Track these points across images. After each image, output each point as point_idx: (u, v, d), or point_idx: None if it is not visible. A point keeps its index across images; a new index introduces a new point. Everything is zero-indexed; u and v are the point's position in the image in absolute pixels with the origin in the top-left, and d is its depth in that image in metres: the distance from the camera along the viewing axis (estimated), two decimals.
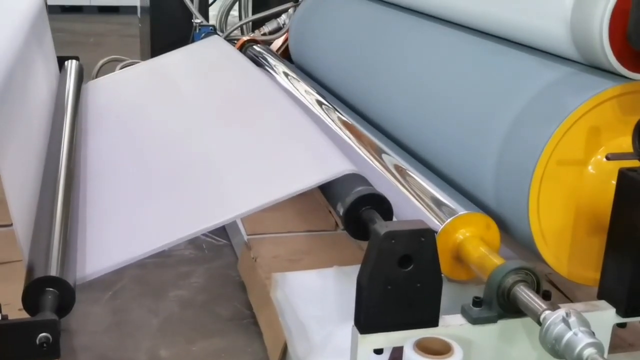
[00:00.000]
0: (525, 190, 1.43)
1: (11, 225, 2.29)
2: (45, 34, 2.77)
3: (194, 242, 2.50)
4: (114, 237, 1.64)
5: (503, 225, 1.54)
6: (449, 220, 1.47)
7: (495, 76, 1.71)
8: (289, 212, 2.45)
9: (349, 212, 1.45)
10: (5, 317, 1.22)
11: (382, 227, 1.26)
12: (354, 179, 1.55)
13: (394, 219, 1.51)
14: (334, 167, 1.57)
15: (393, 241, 1.24)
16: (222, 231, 2.56)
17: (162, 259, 2.36)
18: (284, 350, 1.71)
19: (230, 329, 2.02)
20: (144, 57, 4.35)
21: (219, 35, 3.48)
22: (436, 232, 1.44)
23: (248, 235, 2.31)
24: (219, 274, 2.34)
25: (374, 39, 2.31)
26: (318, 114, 2.25)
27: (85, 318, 2.03)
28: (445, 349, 1.25)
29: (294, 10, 3.53)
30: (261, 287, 2.00)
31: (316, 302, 1.84)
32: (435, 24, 2.09)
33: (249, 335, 1.98)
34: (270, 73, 2.71)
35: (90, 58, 4.06)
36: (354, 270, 1.72)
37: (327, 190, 1.60)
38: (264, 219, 2.32)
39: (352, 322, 1.32)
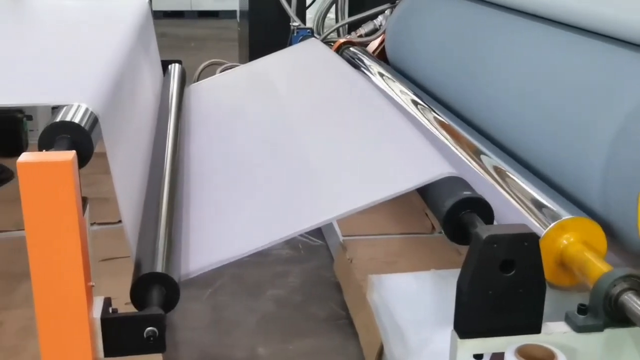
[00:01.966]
0: (636, 193, 1.37)
1: (117, 223, 2.41)
2: (151, 38, 2.86)
3: (290, 243, 2.54)
4: (215, 236, 1.68)
5: (610, 230, 1.48)
6: (552, 224, 1.43)
7: (601, 74, 1.65)
8: (384, 214, 2.45)
9: (449, 215, 1.43)
10: (115, 311, 1.27)
11: (483, 231, 1.24)
12: (454, 181, 1.53)
13: (494, 222, 1.48)
14: (433, 169, 1.55)
15: (495, 245, 1.21)
16: (317, 232, 2.59)
17: (259, 258, 2.41)
18: (380, 353, 1.71)
19: (326, 329, 2.04)
20: (242, 61, 4.45)
21: (316, 37, 3.51)
22: (539, 237, 1.40)
23: (343, 236, 2.32)
24: (314, 274, 2.36)
25: (473, 39, 2.27)
26: (414, 114, 2.23)
27: (187, 314, 2.09)
28: (548, 357, 1.21)
29: (391, 12, 3.53)
30: (357, 288, 2.01)
31: (413, 305, 1.83)
32: (536, 23, 2.03)
33: (344, 336, 1.99)
34: (367, 74, 2.72)
35: (192, 61, 4.17)
36: (451, 274, 1.70)
37: (426, 192, 1.58)
38: (359, 220, 2.32)
39: (450, 327, 1.30)
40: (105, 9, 3.00)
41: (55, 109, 3.68)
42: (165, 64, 3.13)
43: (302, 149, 1.96)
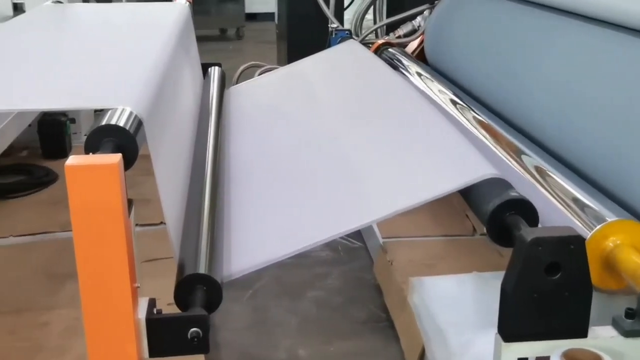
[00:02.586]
0: None
1: (158, 224, 2.44)
2: (192, 42, 2.89)
3: (329, 244, 2.54)
4: (256, 237, 1.69)
5: None
6: (598, 227, 1.41)
7: None
8: (424, 216, 2.44)
9: (493, 217, 1.41)
10: (159, 312, 1.28)
11: (528, 233, 1.22)
12: (497, 183, 1.51)
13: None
14: (476, 171, 1.54)
15: (540, 248, 1.20)
16: (357, 233, 2.59)
17: (299, 260, 2.41)
18: (422, 355, 1.70)
19: (366, 331, 2.03)
20: (280, 63, 4.47)
21: (354, 39, 3.51)
22: (585, 239, 1.38)
23: (383, 238, 2.31)
24: (354, 276, 2.36)
25: (515, 39, 2.25)
26: (453, 114, 2.22)
27: (227, 315, 2.10)
28: None
29: (430, 12, 3.51)
30: (397, 291, 2.00)
31: (454, 308, 1.82)
32: (580, 22, 2.00)
33: (385, 338, 1.98)
34: (406, 75, 2.70)
35: (231, 64, 4.21)
36: (493, 277, 1.68)
37: (468, 194, 1.57)
38: (399, 222, 2.31)
39: (493, 329, 1.29)
40: (148, 13, 3.03)
41: (98, 112, 3.74)
42: (205, 67, 3.16)
43: (342, 150, 1.96)
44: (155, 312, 1.28)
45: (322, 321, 2.09)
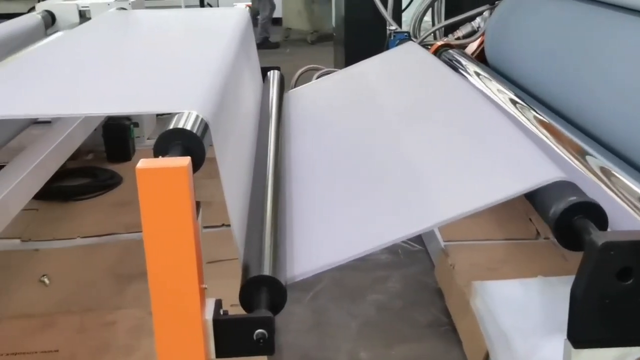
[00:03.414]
0: None
1: (220, 226, 2.47)
2: (252, 46, 2.92)
3: (389, 247, 2.52)
4: (320, 239, 1.69)
5: None
6: None
7: None
8: (486, 219, 2.41)
9: (560, 221, 1.38)
10: (225, 313, 1.29)
11: (599, 237, 1.19)
12: (564, 185, 1.48)
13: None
14: (542, 173, 1.51)
15: (612, 253, 1.17)
16: (417, 237, 2.57)
17: (358, 263, 2.40)
18: None
19: (428, 335, 2.02)
20: (337, 66, 4.48)
21: (413, 41, 3.49)
22: None
23: (445, 241, 2.29)
24: (415, 279, 2.34)
25: (581, 38, 2.20)
26: (516, 115, 2.18)
27: (288, 317, 2.12)
28: None
29: (490, 13, 3.46)
30: (460, 294, 1.98)
31: (519, 312, 1.79)
32: None
33: (447, 342, 1.96)
34: (466, 77, 2.68)
35: (288, 68, 4.23)
36: (560, 281, 1.65)
37: (534, 197, 1.54)
38: (460, 225, 2.27)
39: (560, 335, 1.26)
40: (209, 18, 3.08)
41: (160, 116, 3.82)
42: (264, 71, 3.19)
43: (404, 153, 1.95)
44: (221, 313, 1.29)
45: (383, 324, 2.08)
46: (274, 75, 3.14)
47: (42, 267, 2.35)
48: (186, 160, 1.17)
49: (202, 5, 7.98)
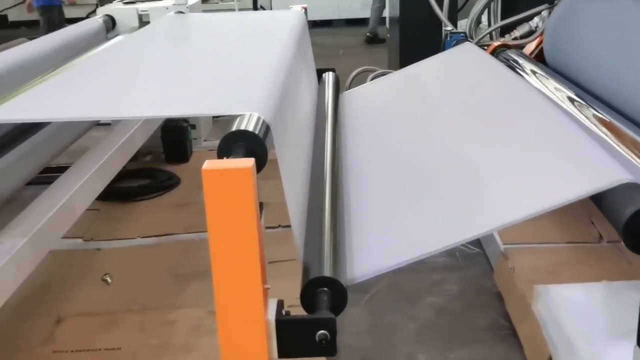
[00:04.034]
0: None
1: (276, 227, 2.49)
2: (308, 48, 2.93)
3: (446, 250, 2.49)
4: (379, 241, 1.69)
5: None
6: None
7: None
8: (547, 222, 2.36)
9: (629, 224, 1.35)
10: (287, 313, 1.30)
11: None
12: (632, 188, 1.44)
13: None
14: (608, 175, 1.47)
15: None
16: (474, 239, 2.54)
17: (415, 265, 2.37)
18: None
19: (487, 338, 1.99)
20: (391, 67, 4.46)
21: (469, 41, 3.45)
22: None
23: (504, 244, 2.26)
24: (473, 282, 2.31)
25: None
26: (578, 116, 2.14)
27: (346, 319, 2.11)
28: None
29: (549, 13, 3.40)
30: (521, 298, 1.95)
31: (583, 317, 1.75)
32: None
33: (507, 346, 1.93)
34: (525, 77, 2.63)
35: (341, 69, 4.23)
36: (625, 286, 1.61)
37: (600, 200, 1.51)
38: (520, 228, 2.23)
39: (626, 341, 1.24)
40: (266, 20, 3.11)
41: (216, 118, 3.86)
42: (319, 72, 3.20)
43: (463, 155, 1.93)
44: (283, 313, 1.30)
45: (442, 327, 2.06)
46: (328, 77, 3.14)
47: (104, 266, 2.40)
48: (250, 162, 1.18)
49: (255, 8, 8.04)
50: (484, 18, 4.29)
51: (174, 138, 3.38)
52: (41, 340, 1.97)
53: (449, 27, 3.75)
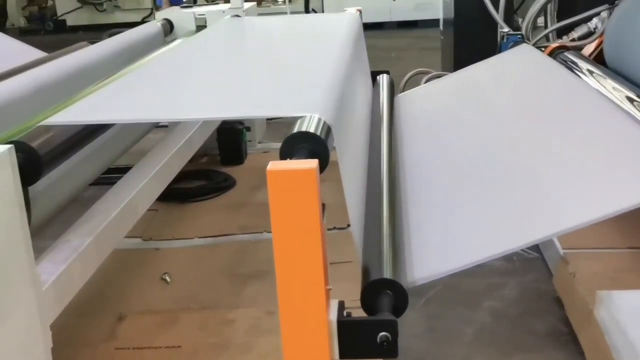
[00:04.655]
0: None
1: (331, 229, 2.50)
2: (363, 50, 2.94)
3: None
4: (438, 244, 1.68)
5: None
6: None
7: None
8: (608, 227, 2.31)
9: None
10: (349, 315, 1.30)
11: None
12: None
13: None
14: None
15: None
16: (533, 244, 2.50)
17: (472, 269, 2.34)
18: None
19: (547, 344, 1.96)
20: (445, 70, 4.43)
21: (526, 43, 3.41)
22: None
23: (564, 249, 2.22)
24: (531, 287, 2.28)
25: None
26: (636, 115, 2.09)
27: (402, 321, 2.10)
28: None
29: (609, 13, 3.33)
30: (582, 304, 1.91)
31: None
32: None
33: (568, 353, 1.90)
34: (585, 79, 2.58)
35: (393, 72, 4.22)
36: None
37: None
38: (580, 233, 2.18)
39: None
40: (321, 23, 3.12)
41: (270, 120, 3.88)
42: (373, 75, 3.20)
43: (524, 158, 1.91)
44: (345, 314, 1.30)
45: (500, 332, 2.04)
46: (383, 79, 3.14)
47: (163, 266, 2.45)
48: (314, 163, 1.19)
49: (307, 11, 8.08)
50: (538, 20, 4.23)
51: (230, 140, 3.42)
52: (104, 337, 2.01)
53: (505, 29, 3.71)
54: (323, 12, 8.35)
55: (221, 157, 3.44)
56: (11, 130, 1.69)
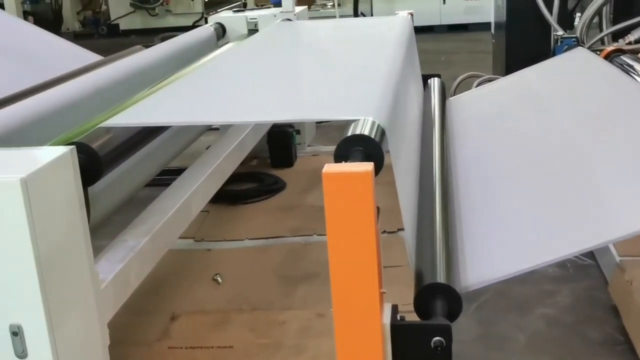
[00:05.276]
0: None
1: (382, 233, 2.49)
2: (414, 54, 2.93)
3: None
4: (491, 249, 1.66)
5: None
6: None
7: None
8: None
9: None
10: (402, 318, 1.30)
11: None
12: None
13: None
14: None
15: None
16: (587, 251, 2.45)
17: (525, 275, 2.31)
18: None
19: (602, 353, 1.92)
20: (496, 73, 4.38)
21: (581, 46, 3.35)
22: None
23: (620, 256, 2.17)
24: (586, 294, 2.24)
25: None
26: None
27: (454, 326, 2.08)
28: None
29: None
30: (638, 312, 1.87)
31: None
32: None
33: None
34: None
35: (444, 75, 4.19)
36: None
37: None
38: (637, 240, 2.16)
39: None
40: (373, 26, 3.12)
41: (319, 124, 3.90)
42: (424, 78, 3.18)
43: (581, 164, 1.88)
44: (398, 318, 1.30)
45: (553, 339, 2.01)
46: (434, 83, 3.13)
47: (214, 266, 2.47)
48: (370, 166, 1.19)
49: (355, 15, 8.09)
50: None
51: (280, 143, 3.44)
52: (157, 336, 2.05)
53: (560, 32, 3.65)
54: (372, 15, 8.34)
55: (271, 160, 3.47)
56: (72, 132, 1.73)
